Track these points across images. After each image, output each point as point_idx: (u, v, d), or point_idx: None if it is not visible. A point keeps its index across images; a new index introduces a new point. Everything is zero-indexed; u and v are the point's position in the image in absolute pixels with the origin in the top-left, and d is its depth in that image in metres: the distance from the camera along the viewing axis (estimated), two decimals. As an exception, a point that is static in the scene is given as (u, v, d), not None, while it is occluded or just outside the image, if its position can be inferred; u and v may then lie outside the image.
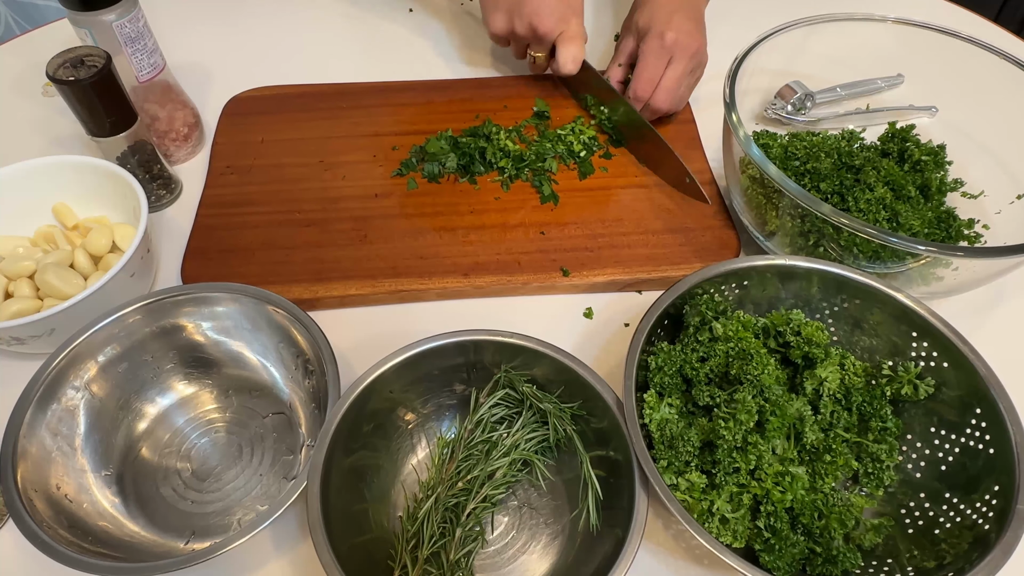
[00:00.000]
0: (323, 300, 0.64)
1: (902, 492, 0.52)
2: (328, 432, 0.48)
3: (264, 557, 0.51)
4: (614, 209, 0.71)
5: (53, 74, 0.60)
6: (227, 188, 0.72)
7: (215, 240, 0.68)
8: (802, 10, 0.71)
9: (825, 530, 0.48)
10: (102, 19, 0.64)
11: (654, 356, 0.53)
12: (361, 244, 0.67)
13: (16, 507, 0.45)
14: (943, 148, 0.65)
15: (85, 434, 0.53)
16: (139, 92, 0.71)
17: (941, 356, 0.52)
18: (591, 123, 0.78)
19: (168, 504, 0.53)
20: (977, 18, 0.94)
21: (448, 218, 0.70)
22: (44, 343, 0.56)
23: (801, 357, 0.54)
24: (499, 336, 0.52)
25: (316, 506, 0.45)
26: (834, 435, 0.51)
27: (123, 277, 0.57)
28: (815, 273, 0.55)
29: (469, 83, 0.84)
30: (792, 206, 0.58)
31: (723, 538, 0.47)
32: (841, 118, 0.78)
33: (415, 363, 0.52)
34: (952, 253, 0.53)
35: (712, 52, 0.76)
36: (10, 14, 1.14)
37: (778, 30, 0.67)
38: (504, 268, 0.66)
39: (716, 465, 0.49)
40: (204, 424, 0.57)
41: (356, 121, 0.78)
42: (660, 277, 0.65)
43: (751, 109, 0.79)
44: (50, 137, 0.78)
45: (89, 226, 0.65)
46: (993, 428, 0.48)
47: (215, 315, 0.57)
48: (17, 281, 0.60)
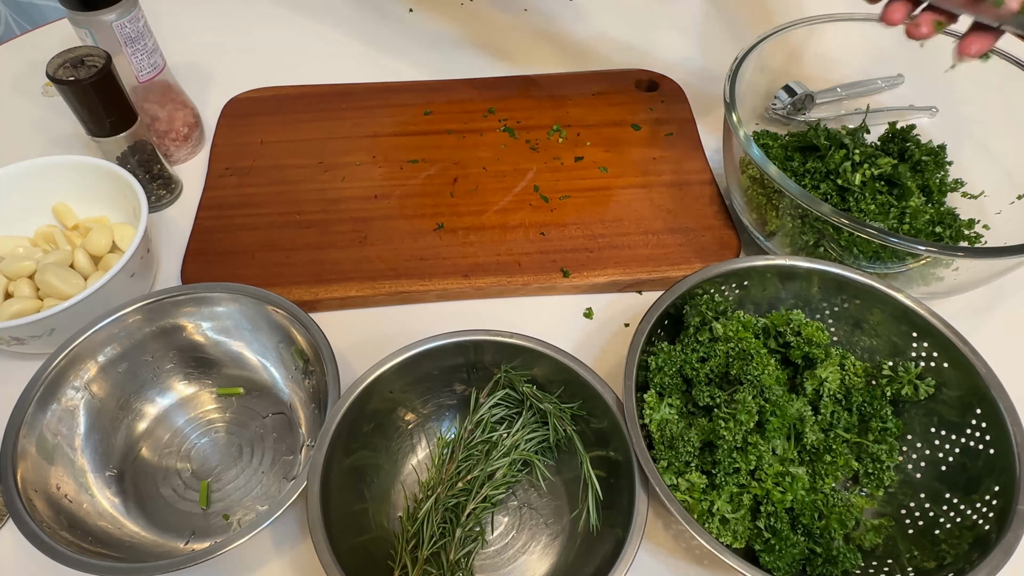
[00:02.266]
0: (323, 302, 0.64)
1: (902, 492, 0.52)
2: (328, 432, 0.48)
3: (264, 557, 0.51)
4: (614, 209, 0.71)
5: (53, 74, 0.60)
6: (227, 190, 0.72)
7: (215, 242, 0.68)
8: (802, 10, 0.71)
9: (825, 530, 0.48)
10: (102, 19, 0.64)
11: (654, 356, 0.53)
12: (361, 245, 0.67)
13: (16, 507, 0.45)
14: (943, 148, 0.65)
15: (85, 434, 0.53)
16: (139, 92, 0.71)
17: (941, 356, 0.52)
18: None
19: (168, 504, 0.53)
20: (977, 18, 0.94)
21: (448, 219, 0.70)
22: (44, 343, 0.56)
23: (801, 357, 0.54)
24: (499, 336, 0.52)
25: (316, 506, 0.45)
26: (834, 435, 0.51)
27: (123, 277, 0.57)
28: (815, 273, 0.55)
29: (469, 83, 0.84)
30: (792, 206, 0.58)
31: (723, 538, 0.47)
32: (841, 118, 0.78)
33: (415, 363, 0.52)
34: (952, 253, 0.53)
35: (712, 52, 0.76)
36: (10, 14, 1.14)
37: (778, 30, 0.67)
38: (504, 269, 0.66)
39: (716, 465, 0.49)
40: (204, 424, 0.57)
41: (356, 122, 0.78)
42: (660, 277, 0.65)
43: (751, 109, 0.79)
44: (50, 137, 0.78)
45: (89, 226, 0.65)
46: (993, 428, 0.48)
47: (215, 315, 0.57)
48: (17, 281, 0.60)
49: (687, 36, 0.92)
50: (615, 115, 0.80)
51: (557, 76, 0.85)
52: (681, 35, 0.92)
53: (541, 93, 0.82)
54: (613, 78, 0.84)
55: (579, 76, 0.84)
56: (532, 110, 0.80)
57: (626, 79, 0.84)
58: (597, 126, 0.78)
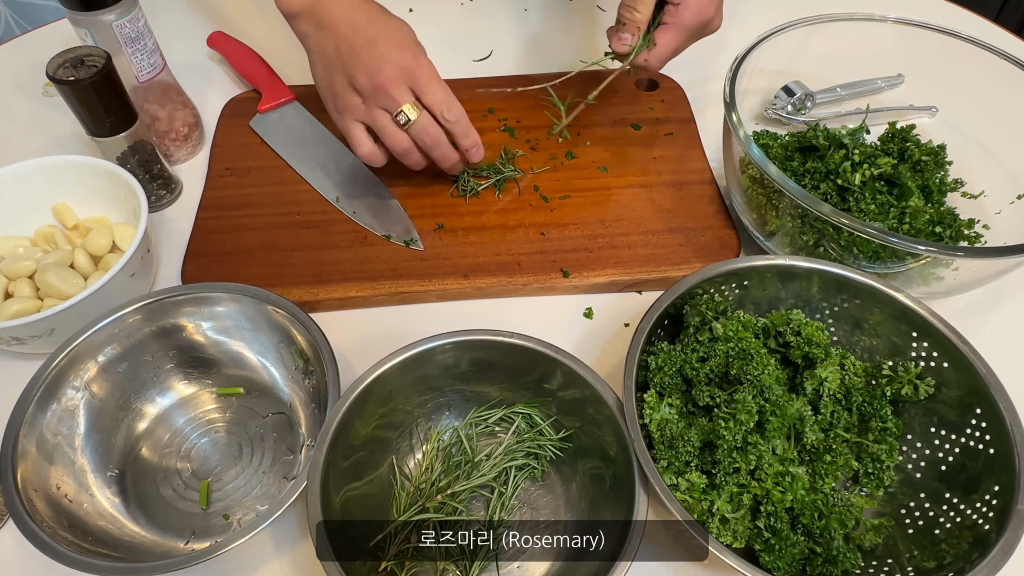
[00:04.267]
0: (323, 302, 0.64)
1: (902, 492, 0.52)
2: (328, 432, 0.48)
3: (264, 557, 0.51)
4: (614, 209, 0.71)
5: (53, 74, 0.60)
6: (227, 190, 0.72)
7: (215, 243, 0.68)
8: (802, 10, 0.71)
9: (825, 530, 0.48)
10: (102, 19, 0.64)
11: (654, 356, 0.53)
12: (361, 246, 0.67)
13: (16, 507, 0.45)
14: (943, 148, 0.65)
15: (85, 434, 0.53)
16: (139, 92, 0.71)
17: (941, 356, 0.52)
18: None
19: (168, 504, 0.53)
20: (977, 18, 0.94)
21: (448, 219, 0.70)
22: (44, 343, 0.56)
23: (801, 357, 0.54)
24: (499, 336, 0.52)
25: (316, 506, 0.45)
26: (834, 435, 0.51)
27: (123, 277, 0.57)
28: (815, 273, 0.55)
29: (469, 83, 0.83)
30: (792, 206, 0.58)
31: (723, 538, 0.47)
32: (841, 118, 0.78)
33: (415, 363, 0.52)
34: (952, 253, 0.53)
35: (712, 52, 0.76)
36: (10, 14, 1.14)
37: (778, 30, 0.67)
38: (504, 269, 0.66)
39: (716, 465, 0.49)
40: (204, 424, 0.57)
41: (356, 121, 0.78)
42: (660, 277, 0.65)
43: (751, 109, 0.79)
44: (50, 137, 0.78)
45: (89, 226, 0.65)
46: (993, 428, 0.48)
47: (215, 315, 0.57)
48: (17, 281, 0.60)
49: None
50: (615, 115, 0.80)
51: (557, 76, 0.84)
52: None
53: (541, 93, 0.82)
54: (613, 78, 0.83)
55: (579, 76, 0.84)
56: (532, 110, 0.80)
57: (626, 79, 0.83)
58: (597, 126, 0.78)
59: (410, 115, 0.62)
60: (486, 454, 0.53)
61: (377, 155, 0.66)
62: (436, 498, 0.50)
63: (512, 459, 0.53)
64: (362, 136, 0.65)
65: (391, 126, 0.63)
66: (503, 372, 0.54)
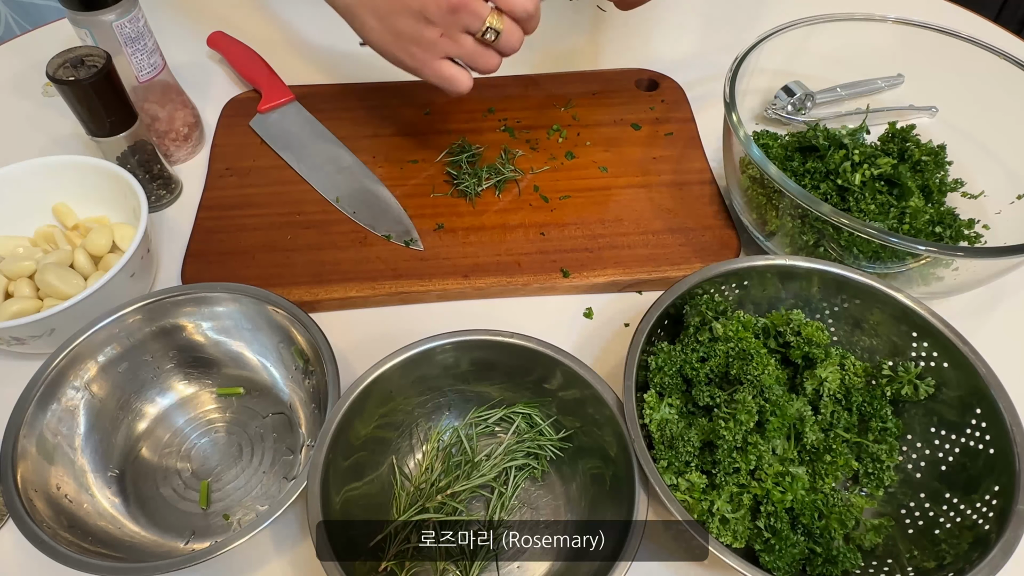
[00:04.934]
0: (323, 302, 0.64)
1: (902, 492, 0.52)
2: (328, 432, 0.48)
3: (264, 557, 0.51)
4: (614, 209, 0.71)
5: (53, 74, 0.60)
6: (227, 190, 0.72)
7: (215, 243, 0.67)
8: (802, 10, 0.71)
9: (825, 530, 0.48)
10: (102, 19, 0.64)
11: (654, 356, 0.53)
12: (361, 246, 0.67)
13: (16, 507, 0.45)
14: (943, 148, 0.65)
15: (85, 434, 0.53)
16: (139, 92, 0.71)
17: (941, 356, 0.52)
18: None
19: (168, 504, 0.53)
20: (977, 18, 0.94)
21: (448, 219, 0.70)
22: (44, 343, 0.56)
23: (801, 357, 0.54)
24: (499, 336, 0.52)
25: (316, 506, 0.45)
26: (834, 435, 0.51)
27: (123, 277, 0.57)
28: (815, 273, 0.55)
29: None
30: (792, 206, 0.58)
31: (723, 538, 0.47)
32: (841, 118, 0.78)
33: (415, 363, 0.52)
34: (952, 253, 0.53)
35: (712, 52, 0.77)
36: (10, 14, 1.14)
37: (778, 30, 0.67)
38: (504, 269, 0.66)
39: (716, 465, 0.49)
40: (204, 424, 0.57)
41: (356, 122, 0.78)
42: (660, 277, 0.65)
43: (751, 109, 0.79)
44: (50, 137, 0.78)
45: (89, 226, 0.65)
46: (993, 428, 0.48)
47: (215, 315, 0.57)
48: (17, 281, 0.60)
49: (687, 36, 0.92)
50: (615, 115, 0.80)
51: (557, 76, 0.85)
52: (681, 35, 0.92)
53: (541, 93, 0.82)
54: (613, 78, 0.84)
55: (579, 76, 0.84)
56: (532, 110, 0.80)
57: (626, 79, 0.84)
58: (597, 126, 0.79)
59: (498, 27, 0.56)
60: (486, 454, 0.53)
61: (470, 81, 0.60)
62: (436, 498, 0.50)
63: (512, 459, 0.53)
64: (455, 70, 0.59)
65: (479, 48, 0.57)
66: (503, 372, 0.54)
